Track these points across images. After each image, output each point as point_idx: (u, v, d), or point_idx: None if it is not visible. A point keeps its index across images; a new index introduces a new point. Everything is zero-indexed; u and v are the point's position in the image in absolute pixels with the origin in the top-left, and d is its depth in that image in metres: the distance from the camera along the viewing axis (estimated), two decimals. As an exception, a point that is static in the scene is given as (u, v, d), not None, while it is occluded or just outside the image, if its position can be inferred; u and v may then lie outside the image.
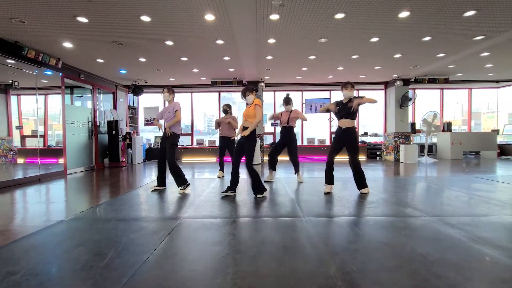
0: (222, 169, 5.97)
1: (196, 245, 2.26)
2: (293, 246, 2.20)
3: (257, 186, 3.90)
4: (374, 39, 5.19)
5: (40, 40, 4.99)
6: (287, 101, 5.20)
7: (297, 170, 5.20)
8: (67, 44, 5.24)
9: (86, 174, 6.76)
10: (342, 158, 5.26)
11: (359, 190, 4.08)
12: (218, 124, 5.89)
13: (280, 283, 1.66)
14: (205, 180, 5.63)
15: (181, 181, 4.35)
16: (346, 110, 4.01)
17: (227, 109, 5.85)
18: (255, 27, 4.56)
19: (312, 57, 6.34)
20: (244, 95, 3.97)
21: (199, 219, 2.97)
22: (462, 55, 6.23)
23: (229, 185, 4.04)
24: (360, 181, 4.06)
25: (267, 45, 5.48)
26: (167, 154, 4.36)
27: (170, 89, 4.54)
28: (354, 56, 6.31)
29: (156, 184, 4.55)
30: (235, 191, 4.07)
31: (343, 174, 6.00)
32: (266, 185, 4.37)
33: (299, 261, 1.94)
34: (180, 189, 4.30)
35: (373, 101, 3.88)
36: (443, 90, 10.69)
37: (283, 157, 5.93)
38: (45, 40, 5.02)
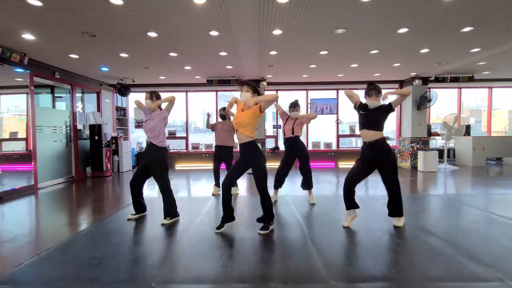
0: (217, 184, 5.04)
1: None
2: None
3: (266, 217, 3.04)
4: (403, 30, 4.25)
5: (-8, 30, 4.05)
6: (295, 105, 4.18)
7: (309, 187, 4.28)
8: (28, 36, 4.29)
9: (63, 187, 5.83)
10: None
11: (392, 216, 3.18)
12: (213, 128, 5.00)
13: None
14: (198, 200, 4.71)
15: (171, 213, 3.46)
16: (371, 118, 3.09)
17: (224, 114, 4.89)
18: (258, 13, 3.61)
19: (323, 52, 5.39)
20: (241, 86, 3.06)
21: (176, 285, 2.06)
22: (500, 49, 5.29)
23: (223, 215, 3.13)
24: (397, 207, 3.15)
25: (271, 37, 4.53)
26: (159, 178, 3.42)
27: (153, 93, 3.52)
28: (373, 52, 5.35)
29: (133, 212, 3.63)
30: (233, 219, 3.17)
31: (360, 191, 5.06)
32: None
33: None
34: (166, 220, 3.39)
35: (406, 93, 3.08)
36: (461, 90, 9.75)
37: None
38: (0, 30, 4.07)
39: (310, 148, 9.37)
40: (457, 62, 6.34)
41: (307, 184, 4.27)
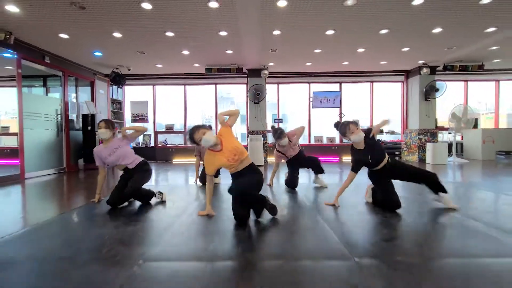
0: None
1: None
2: None
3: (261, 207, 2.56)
4: (418, 1, 3.94)
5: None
6: (280, 135, 3.93)
7: (322, 171, 4.08)
8: (12, 8, 3.95)
9: (52, 178, 5.44)
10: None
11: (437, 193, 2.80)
12: (199, 153, 4.56)
13: None
14: (194, 187, 4.35)
15: (150, 196, 3.16)
16: (375, 154, 2.76)
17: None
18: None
19: (330, 32, 5.06)
20: (192, 138, 2.54)
21: (171, 262, 1.70)
22: (517, 29, 5.00)
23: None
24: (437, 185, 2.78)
25: (276, 10, 4.21)
26: (134, 182, 3.04)
27: (108, 121, 3.22)
28: (383, 31, 5.04)
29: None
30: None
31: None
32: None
33: None
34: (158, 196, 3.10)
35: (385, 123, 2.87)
36: (467, 83, 9.45)
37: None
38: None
39: (312, 142, 9.04)
40: (468, 47, 6.04)
41: (319, 168, 4.08)
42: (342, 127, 2.76)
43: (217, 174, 4.50)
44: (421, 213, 2.68)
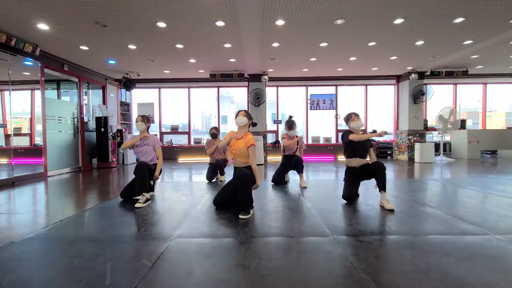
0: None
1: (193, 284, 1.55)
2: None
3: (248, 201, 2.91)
4: (398, 21, 4.49)
5: (10, 20, 4.25)
6: (291, 125, 4.55)
7: (302, 170, 4.57)
8: (43, 26, 4.50)
9: (70, 176, 6.01)
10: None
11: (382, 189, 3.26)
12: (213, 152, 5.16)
13: None
14: (203, 183, 4.92)
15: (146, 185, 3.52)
16: (364, 148, 3.33)
17: (216, 133, 5.22)
18: (262, 5, 3.85)
19: (323, 44, 5.63)
20: (237, 113, 3.19)
21: (195, 238, 2.26)
22: (491, 42, 5.55)
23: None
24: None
25: (275, 28, 4.76)
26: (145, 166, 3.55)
27: (145, 117, 3.80)
28: (371, 44, 5.60)
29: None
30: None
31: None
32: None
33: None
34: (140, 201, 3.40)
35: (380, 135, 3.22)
36: (456, 86, 10.03)
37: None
38: (16, 21, 4.28)
39: (310, 142, 9.61)
40: (451, 55, 6.60)
41: (301, 167, 4.55)
42: (346, 116, 3.41)
43: (222, 172, 5.09)
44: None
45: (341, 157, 9.25)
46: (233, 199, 3.07)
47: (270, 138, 9.38)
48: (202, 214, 2.95)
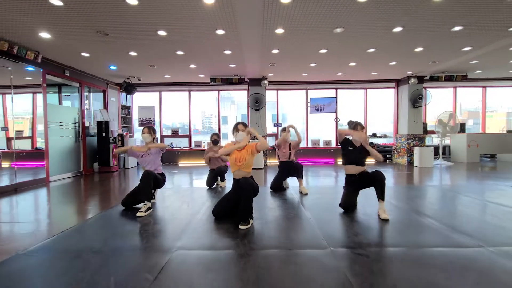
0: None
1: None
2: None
3: (249, 211, 2.97)
4: (398, 29, 4.54)
5: (12, 29, 4.30)
6: (284, 128, 4.76)
7: (301, 175, 4.58)
8: (45, 35, 4.55)
9: (72, 181, 6.07)
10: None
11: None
12: (209, 159, 5.16)
13: None
14: (203, 190, 4.96)
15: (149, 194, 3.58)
16: (360, 155, 3.39)
17: (217, 140, 5.21)
18: (262, 12, 3.89)
19: (323, 51, 5.67)
20: (236, 127, 3.26)
21: (196, 251, 2.31)
22: (490, 48, 5.59)
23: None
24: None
25: (274, 36, 4.81)
26: (150, 174, 3.56)
27: (151, 128, 3.87)
28: (370, 50, 5.64)
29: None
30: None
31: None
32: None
33: None
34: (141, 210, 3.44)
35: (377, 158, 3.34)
36: (456, 89, 10.07)
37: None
38: (19, 29, 4.34)
39: (310, 145, 9.65)
40: (450, 61, 6.64)
41: (300, 173, 4.56)
42: (354, 123, 3.40)
43: (222, 178, 5.15)
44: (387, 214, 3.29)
45: (340, 161, 9.29)
46: (232, 212, 3.13)
47: (271, 141, 9.41)
48: (203, 224, 3.00)
